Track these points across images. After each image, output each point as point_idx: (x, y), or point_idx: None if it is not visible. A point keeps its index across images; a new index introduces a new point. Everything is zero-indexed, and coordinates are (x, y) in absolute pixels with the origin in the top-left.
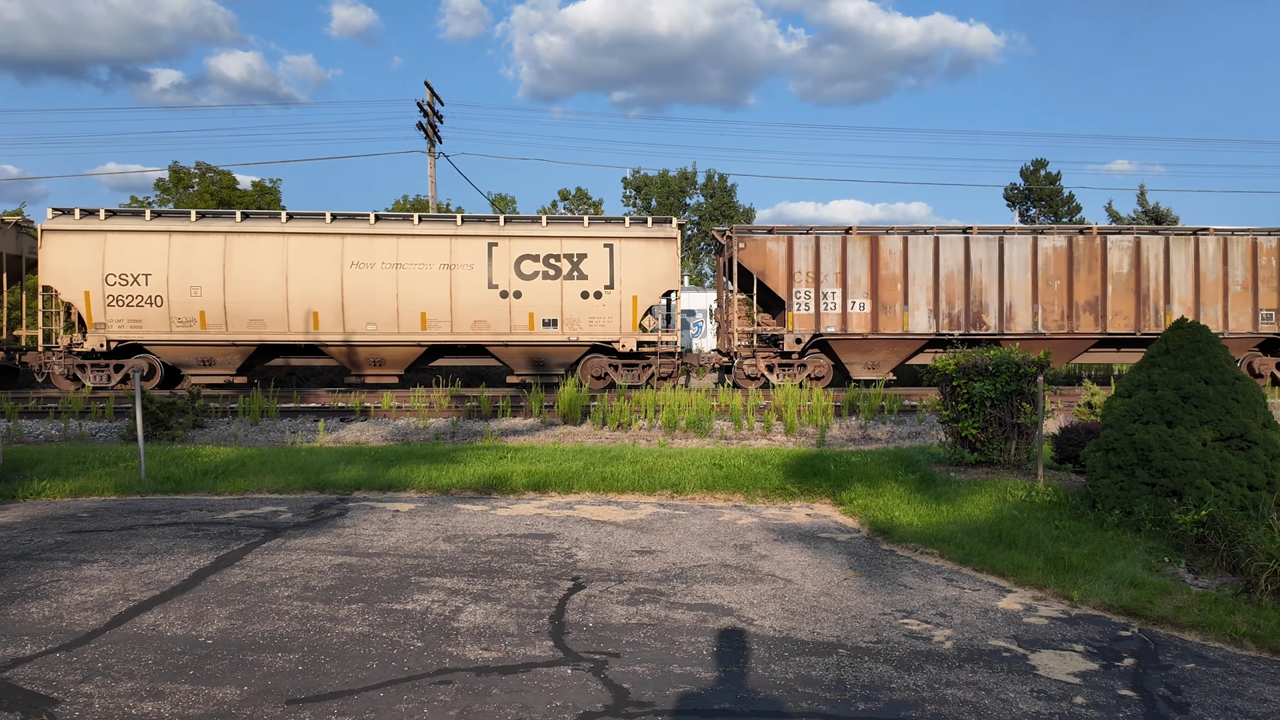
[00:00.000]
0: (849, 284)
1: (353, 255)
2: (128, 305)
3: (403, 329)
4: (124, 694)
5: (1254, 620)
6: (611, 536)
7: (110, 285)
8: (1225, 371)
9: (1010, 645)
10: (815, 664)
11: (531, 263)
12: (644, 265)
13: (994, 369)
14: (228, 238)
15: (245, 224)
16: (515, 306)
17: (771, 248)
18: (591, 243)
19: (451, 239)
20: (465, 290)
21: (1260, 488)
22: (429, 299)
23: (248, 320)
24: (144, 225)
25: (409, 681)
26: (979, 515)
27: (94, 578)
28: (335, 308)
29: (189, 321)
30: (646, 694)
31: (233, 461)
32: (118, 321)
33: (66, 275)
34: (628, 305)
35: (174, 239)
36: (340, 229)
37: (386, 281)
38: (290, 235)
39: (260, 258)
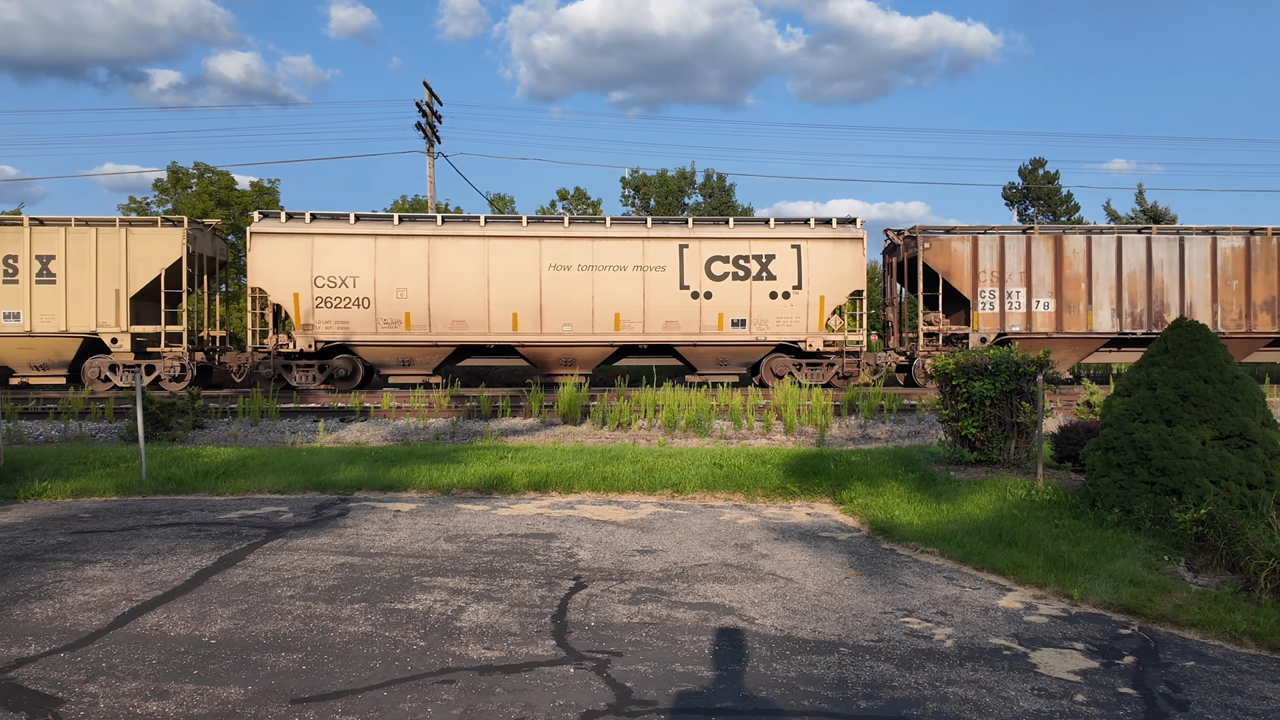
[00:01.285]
0: (1033, 283)
1: (550, 258)
2: (335, 307)
3: (597, 330)
4: (128, 694)
5: (1253, 618)
6: (613, 536)
7: (319, 287)
8: (1224, 370)
9: (1011, 644)
10: (817, 663)
11: (721, 264)
12: (831, 265)
13: (993, 368)
14: (431, 241)
15: (446, 227)
16: (705, 307)
17: (956, 247)
18: (779, 244)
19: (644, 241)
20: (657, 291)
21: (1259, 486)
22: (623, 300)
23: (450, 321)
24: (350, 228)
25: (412, 681)
26: (979, 514)
27: (97, 578)
28: (534, 309)
29: (394, 323)
30: (649, 693)
31: (233, 462)
32: (325, 323)
33: (275, 277)
34: (815, 305)
35: (379, 242)
36: (537, 232)
37: (582, 283)
38: (490, 238)
39: (462, 260)
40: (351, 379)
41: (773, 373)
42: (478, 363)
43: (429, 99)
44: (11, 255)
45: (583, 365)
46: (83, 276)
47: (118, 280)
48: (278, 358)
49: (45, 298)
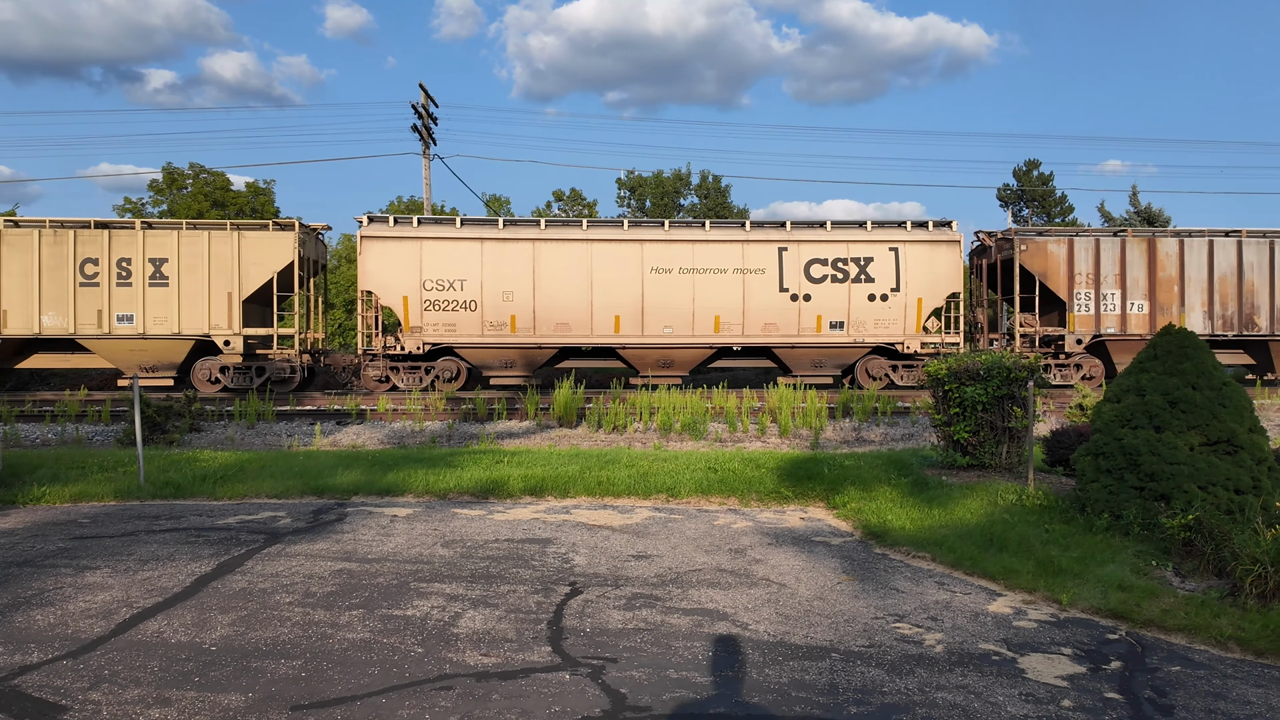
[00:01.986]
0: (1127, 286)
1: (652, 261)
2: (443, 309)
3: (697, 332)
4: (131, 700)
5: (1239, 623)
6: (608, 541)
7: (427, 290)
8: (1212, 377)
9: (1000, 649)
10: (809, 668)
11: (820, 266)
12: (928, 268)
13: (985, 373)
14: (535, 245)
15: (549, 230)
16: (804, 309)
17: (1053, 250)
18: (877, 246)
19: (743, 244)
20: (757, 294)
21: (1247, 491)
22: (723, 303)
23: (554, 324)
24: (457, 232)
25: (411, 687)
26: (970, 519)
27: (97, 584)
28: (636, 311)
29: (500, 325)
30: (644, 699)
31: (231, 466)
32: (433, 325)
33: (385, 281)
34: (912, 307)
35: (486, 246)
36: (639, 235)
37: (684, 286)
38: (593, 242)
39: (566, 264)
40: (455, 381)
41: (868, 374)
42: (575, 364)
43: (424, 101)
44: (125, 258)
45: (679, 367)
46: (195, 279)
47: (230, 283)
48: (385, 360)
49: (158, 300)
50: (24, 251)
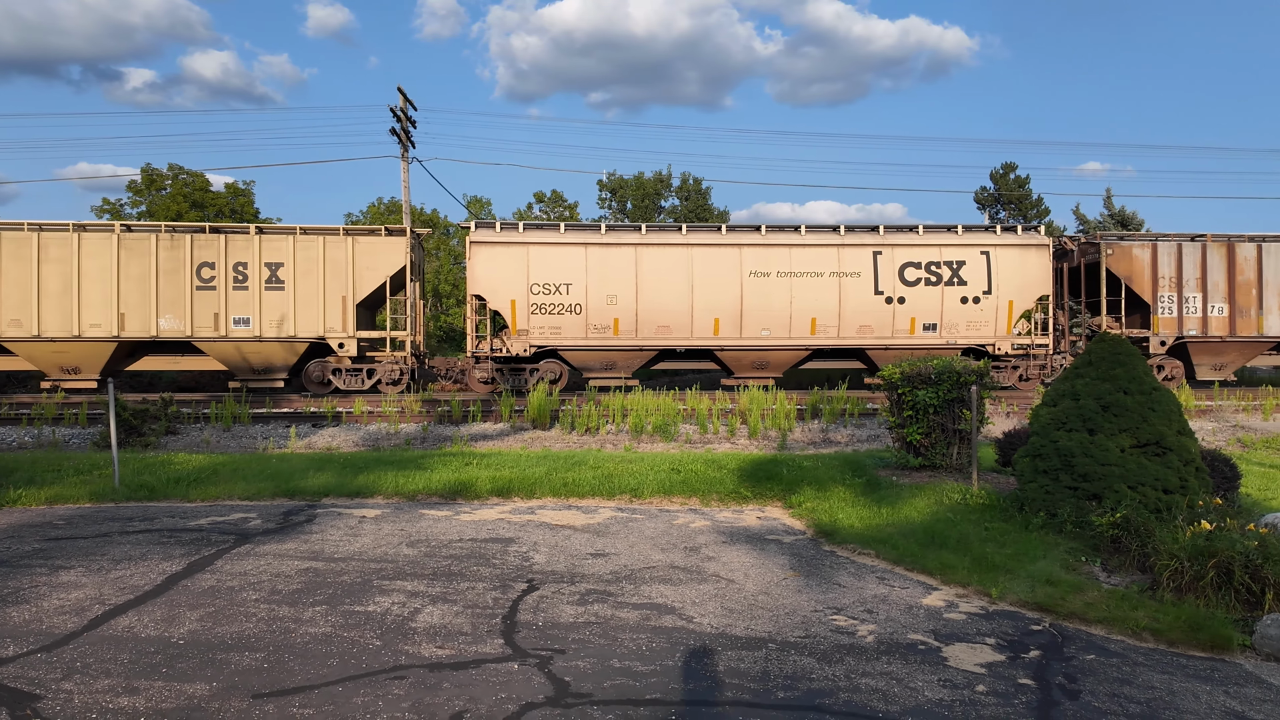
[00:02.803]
0: (1208, 289)
1: (750, 265)
2: (549, 313)
3: (793, 334)
4: (102, 690)
5: (1155, 615)
6: (569, 540)
7: (534, 294)
8: (1143, 382)
9: (927, 639)
10: (745, 657)
11: (914, 270)
12: (1018, 271)
13: (936, 377)
14: (637, 249)
15: (650, 235)
16: (899, 312)
17: (1137, 254)
18: (969, 250)
19: (839, 248)
20: (852, 296)
21: (1174, 491)
22: (819, 305)
23: (656, 327)
24: (561, 238)
25: (367, 677)
26: (916, 517)
27: (71, 583)
28: (735, 314)
29: (603, 328)
30: (586, 686)
31: (205, 469)
32: (539, 328)
33: (494, 285)
34: (1004, 310)
35: (590, 250)
36: (737, 240)
37: (781, 289)
38: (693, 246)
39: (667, 268)
40: (558, 382)
41: None
42: (671, 366)
43: (403, 105)
44: (241, 263)
45: (774, 369)
46: (310, 283)
47: (345, 287)
48: (492, 362)
49: (274, 303)
50: (141, 256)
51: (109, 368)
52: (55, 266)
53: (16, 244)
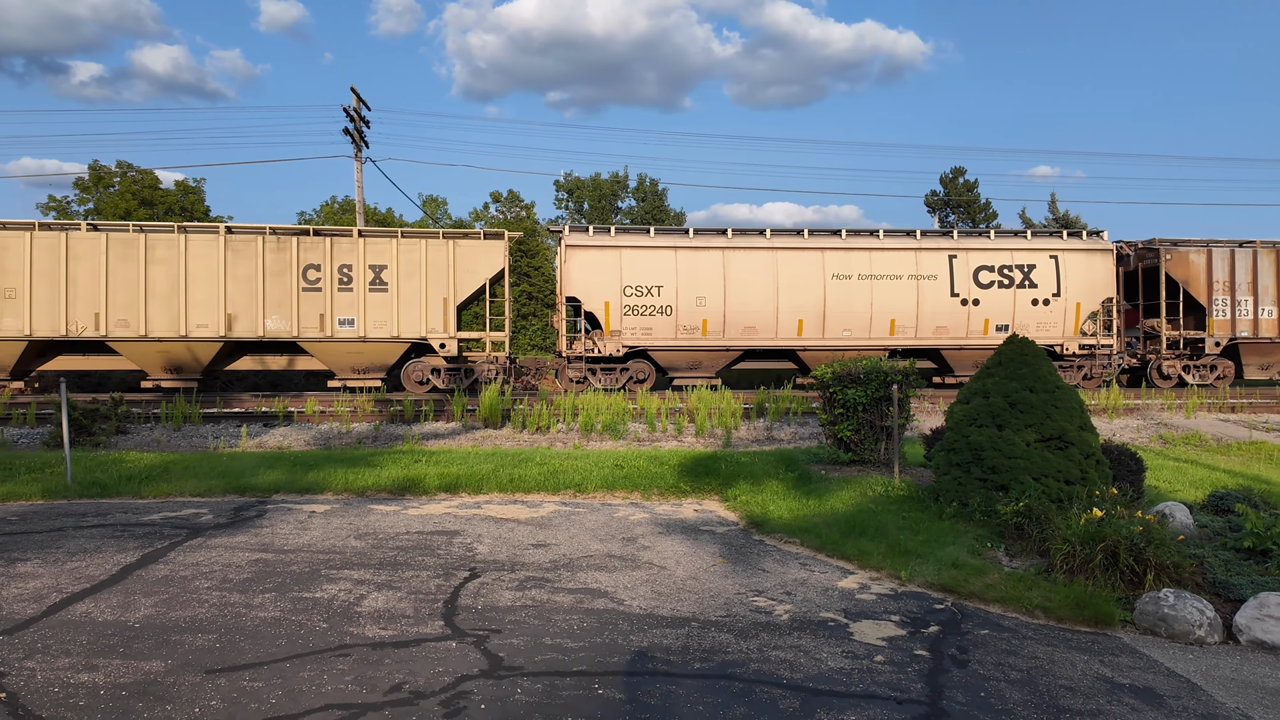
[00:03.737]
0: (1259, 292)
1: (833, 268)
2: (640, 314)
3: (873, 334)
4: (63, 667)
5: (1047, 594)
6: (512, 533)
7: (627, 296)
8: (1047, 381)
9: (838, 617)
10: (668, 634)
11: (987, 273)
12: (1085, 274)
13: (865, 377)
14: (725, 253)
15: (736, 239)
16: (973, 313)
17: (1194, 259)
18: (1039, 254)
19: (917, 252)
20: (930, 298)
21: (1075, 482)
22: (898, 307)
23: (742, 327)
24: (652, 241)
25: (313, 655)
26: (841, 508)
27: (28, 574)
28: (818, 315)
29: (692, 329)
30: (518, 660)
31: (156, 467)
32: (631, 329)
33: (589, 287)
34: (1071, 311)
35: (679, 254)
36: (819, 243)
37: (862, 291)
38: (778, 250)
39: (753, 270)
40: (645, 382)
41: None
42: (752, 366)
43: (356, 105)
44: (346, 265)
45: None
46: (413, 285)
47: (446, 289)
48: (585, 361)
49: (378, 305)
50: (247, 258)
51: (210, 367)
52: (162, 268)
53: (124, 245)
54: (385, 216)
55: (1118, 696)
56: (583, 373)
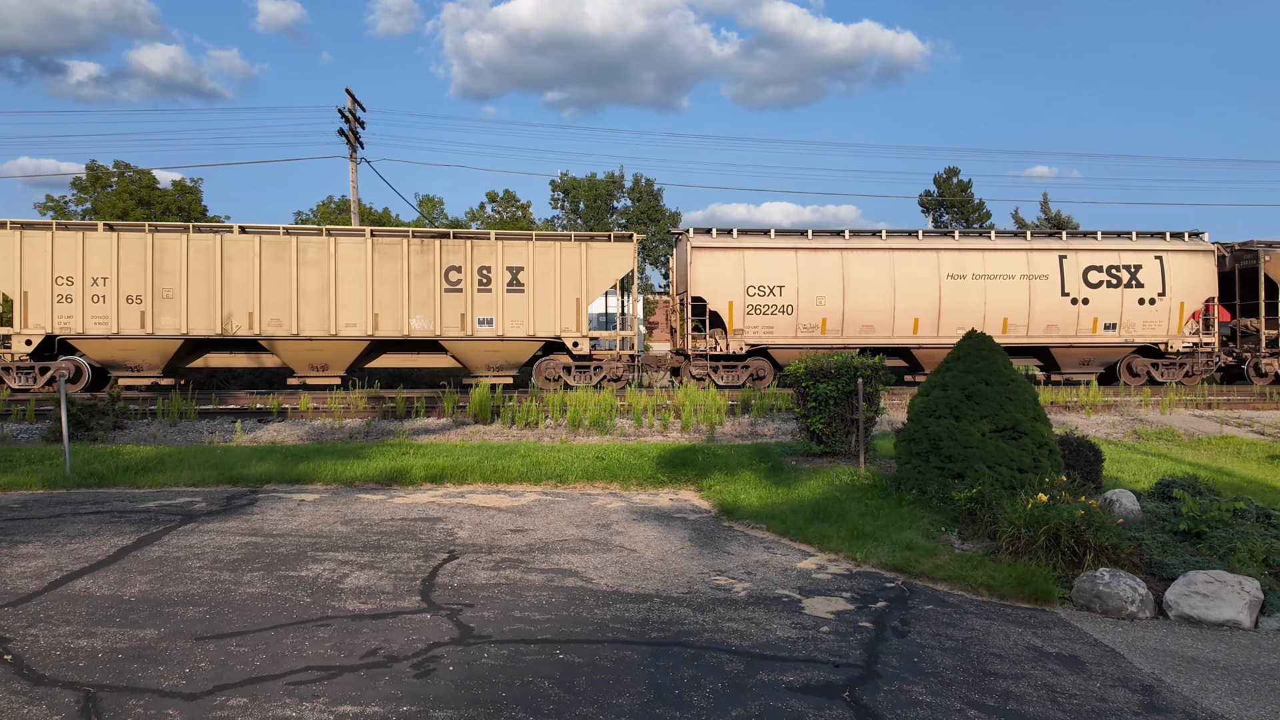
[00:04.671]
0: None
1: (947, 268)
2: (763, 313)
3: (986, 332)
4: (64, 634)
5: (992, 573)
6: (493, 519)
7: (749, 296)
8: (1002, 374)
9: (792, 593)
10: (630, 609)
11: (1096, 273)
12: (1188, 274)
13: (836, 372)
14: (843, 254)
15: (854, 240)
16: (1082, 312)
17: None
18: (1144, 255)
19: (1028, 252)
20: (1041, 298)
21: (1028, 470)
22: (1010, 306)
23: (860, 326)
24: (772, 243)
25: (296, 625)
26: (808, 496)
27: (30, 554)
28: (933, 314)
29: (812, 328)
30: (488, 631)
31: (152, 459)
32: (753, 328)
33: (714, 287)
34: (1175, 310)
35: (800, 255)
36: (934, 244)
37: (975, 291)
38: (894, 250)
39: (870, 271)
40: (762, 379)
41: (1130, 371)
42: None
43: (352, 106)
44: (485, 266)
45: None
46: (547, 286)
47: (578, 289)
48: (709, 359)
49: (515, 305)
50: (393, 259)
51: (355, 365)
52: (312, 269)
53: (276, 247)
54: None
55: (1042, 663)
56: (705, 370)
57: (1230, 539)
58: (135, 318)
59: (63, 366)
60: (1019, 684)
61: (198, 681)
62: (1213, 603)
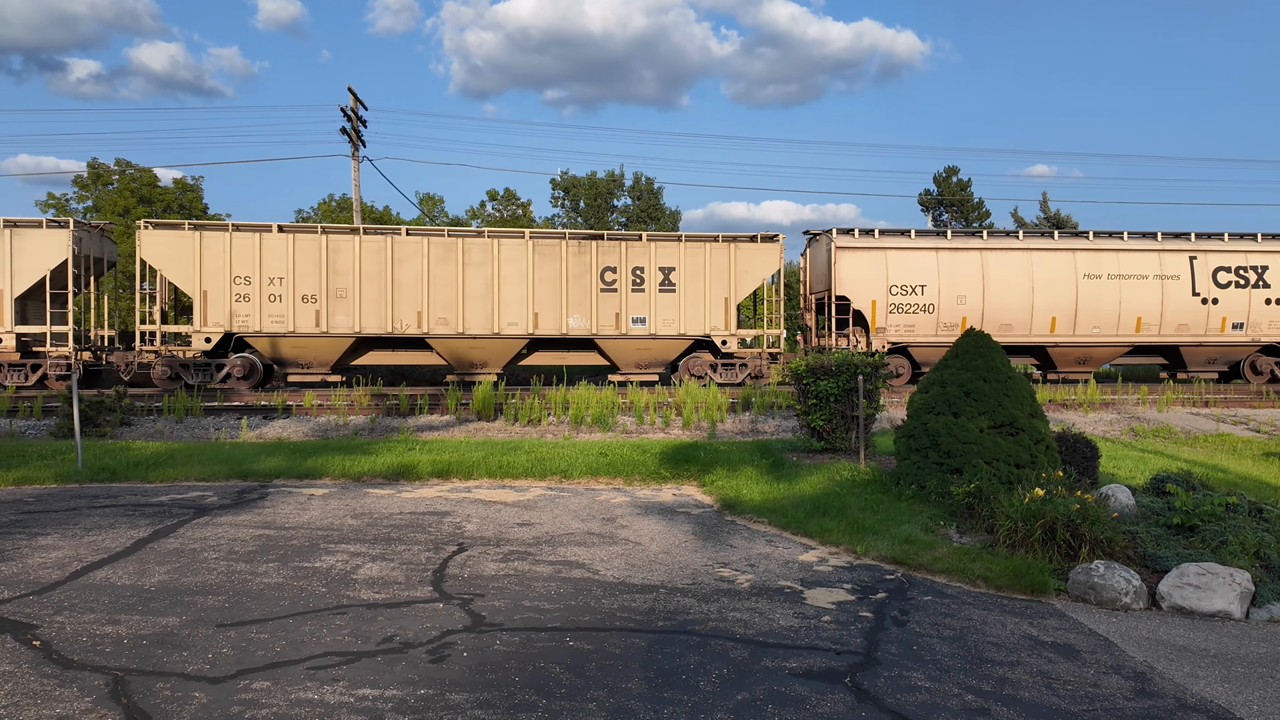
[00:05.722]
0: None
1: (1083, 268)
2: (905, 312)
3: (1120, 331)
4: (89, 621)
5: (989, 566)
6: (499, 513)
7: (892, 295)
8: (1000, 371)
9: (794, 585)
10: (636, 599)
11: (1225, 273)
12: None
13: (836, 369)
14: (982, 254)
15: (993, 241)
16: (1211, 312)
17: None
18: (1271, 256)
19: (1160, 253)
20: (1173, 297)
21: (1025, 465)
22: (1143, 305)
23: (999, 325)
24: (913, 243)
25: (313, 613)
26: (809, 491)
27: (50, 546)
28: (1070, 313)
29: (952, 326)
30: (499, 619)
31: (162, 454)
32: (895, 326)
33: (858, 287)
34: None
35: (940, 255)
36: (1070, 245)
37: (1111, 290)
38: (1033, 251)
39: (1009, 271)
40: (900, 377)
41: (1253, 369)
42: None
43: (354, 104)
44: (639, 267)
45: (1094, 363)
46: (696, 286)
47: (726, 289)
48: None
49: (666, 304)
50: (552, 260)
51: (511, 363)
52: (476, 270)
53: (443, 249)
54: (383, 215)
55: (1038, 651)
56: None
57: (1222, 532)
58: (310, 316)
59: (237, 363)
60: (1015, 671)
61: (221, 666)
62: (1204, 594)
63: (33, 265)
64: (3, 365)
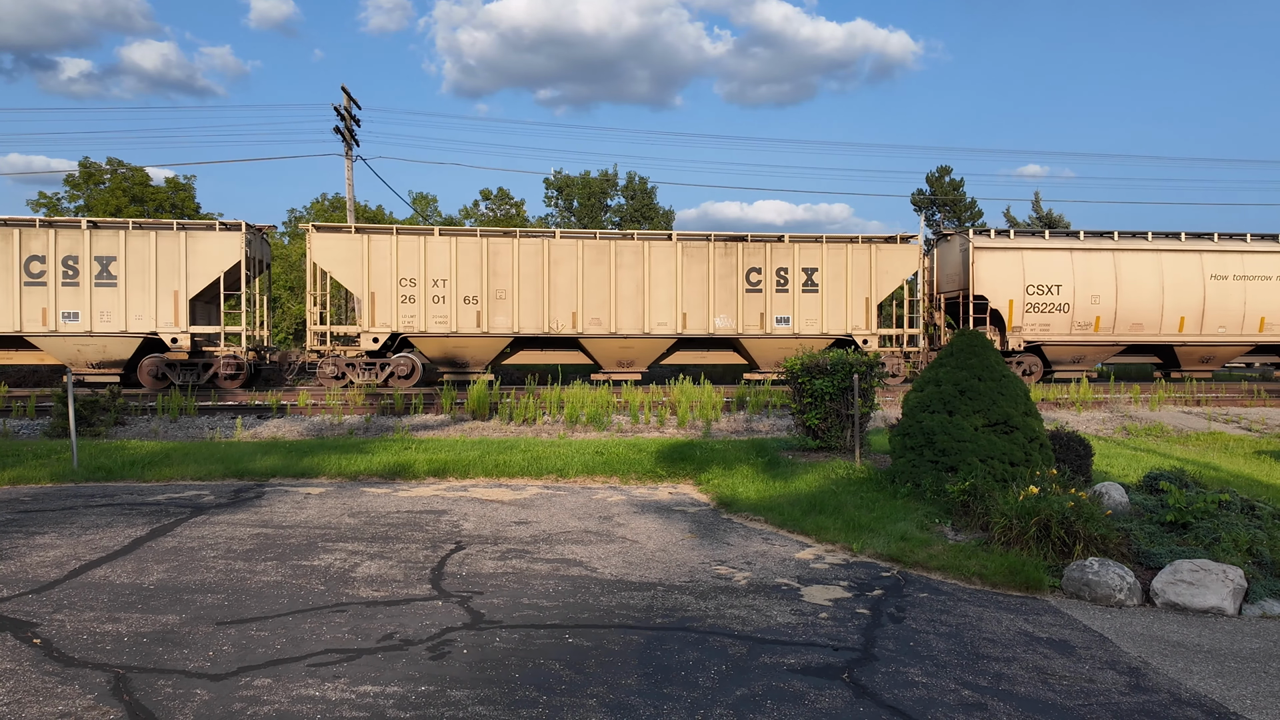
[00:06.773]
0: None
1: (1210, 269)
2: (1040, 311)
3: (1244, 330)
4: (89, 619)
5: (984, 563)
6: (496, 512)
7: (1029, 295)
8: (994, 370)
9: (791, 582)
10: (634, 596)
11: None
12: None
13: (832, 368)
14: (1115, 254)
15: (1123, 242)
16: None
17: None
18: None
19: None
20: None
21: (1020, 463)
22: (1267, 305)
23: (1129, 324)
24: (1047, 244)
25: (313, 611)
26: (804, 489)
27: (47, 544)
28: (1198, 313)
29: (1085, 325)
30: (498, 616)
31: (157, 453)
32: (1030, 325)
33: (995, 287)
34: None
35: (1075, 255)
36: (1197, 246)
37: (1236, 291)
38: (1162, 252)
39: (1140, 272)
40: (1033, 375)
41: None
42: (1126, 360)
43: (347, 103)
44: (782, 268)
45: (1217, 362)
46: (838, 286)
47: (867, 289)
48: None
49: (808, 304)
50: (699, 262)
51: (656, 361)
52: (628, 271)
53: (596, 251)
54: (376, 214)
55: (1033, 647)
56: None
57: (1215, 529)
58: (471, 317)
59: (402, 362)
60: (1010, 666)
61: (222, 663)
62: (1198, 590)
63: (206, 267)
64: (174, 364)
